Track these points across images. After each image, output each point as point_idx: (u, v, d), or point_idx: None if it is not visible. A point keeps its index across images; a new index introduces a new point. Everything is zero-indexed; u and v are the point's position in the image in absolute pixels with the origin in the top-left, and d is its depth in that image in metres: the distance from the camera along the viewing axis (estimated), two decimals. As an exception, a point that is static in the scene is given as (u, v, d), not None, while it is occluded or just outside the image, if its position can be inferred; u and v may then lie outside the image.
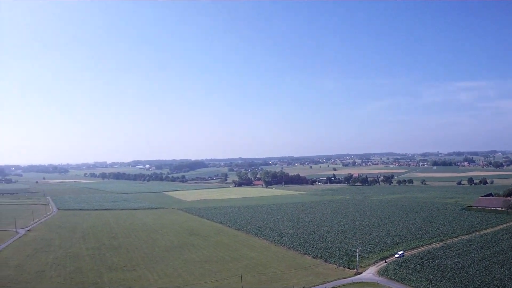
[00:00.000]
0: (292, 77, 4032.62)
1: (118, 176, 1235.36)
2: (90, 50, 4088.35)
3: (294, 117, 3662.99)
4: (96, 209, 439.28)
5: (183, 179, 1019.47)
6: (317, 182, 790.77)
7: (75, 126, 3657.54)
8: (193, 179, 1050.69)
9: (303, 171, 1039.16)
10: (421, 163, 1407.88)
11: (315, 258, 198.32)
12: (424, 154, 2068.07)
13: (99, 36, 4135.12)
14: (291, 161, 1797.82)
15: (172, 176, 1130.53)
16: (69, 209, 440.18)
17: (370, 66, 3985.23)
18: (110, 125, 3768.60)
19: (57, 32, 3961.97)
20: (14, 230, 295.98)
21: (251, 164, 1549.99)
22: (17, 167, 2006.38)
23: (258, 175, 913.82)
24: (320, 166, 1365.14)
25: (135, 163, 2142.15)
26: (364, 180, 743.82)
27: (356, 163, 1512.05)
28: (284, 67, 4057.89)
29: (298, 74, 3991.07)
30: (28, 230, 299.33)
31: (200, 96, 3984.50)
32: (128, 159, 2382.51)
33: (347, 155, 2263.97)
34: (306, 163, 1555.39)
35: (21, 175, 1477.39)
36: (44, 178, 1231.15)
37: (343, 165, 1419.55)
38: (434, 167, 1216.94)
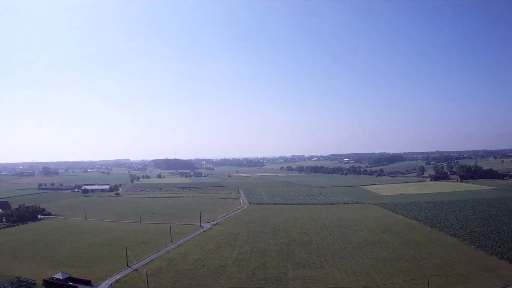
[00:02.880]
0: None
1: (315, 170, 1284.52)
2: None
3: (485, 109, 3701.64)
4: (290, 203, 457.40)
5: (381, 173, 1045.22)
6: (507, 177, 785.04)
7: (270, 122, 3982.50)
8: (390, 173, 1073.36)
9: (496, 165, 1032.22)
10: None
11: (501, 259, 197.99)
12: None
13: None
14: (484, 154, 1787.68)
15: (370, 170, 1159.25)
16: (261, 203, 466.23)
17: None
18: (307, 120, 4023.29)
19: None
20: (199, 224, 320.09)
21: (447, 157, 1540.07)
22: (208, 161, 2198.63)
23: (454, 169, 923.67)
24: (511, 160, 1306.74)
25: (334, 157, 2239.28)
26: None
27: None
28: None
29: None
30: (214, 224, 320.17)
31: (396, 91, 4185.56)
32: (326, 152, 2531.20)
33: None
34: (498, 157, 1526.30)
35: (212, 169, 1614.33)
36: (237, 172, 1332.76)
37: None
38: None
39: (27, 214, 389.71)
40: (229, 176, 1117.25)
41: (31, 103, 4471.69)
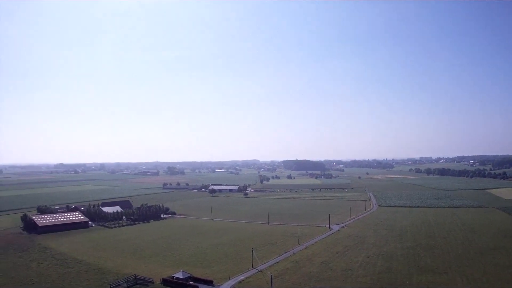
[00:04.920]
0: None
1: (442, 172, 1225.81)
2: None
3: None
4: (417, 206, 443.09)
5: (504, 176, 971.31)
6: None
7: (399, 123, 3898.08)
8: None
9: None
10: None
11: None
12: None
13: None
14: None
15: (494, 173, 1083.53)
16: (390, 206, 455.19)
17: None
18: (436, 120, 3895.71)
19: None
20: (327, 226, 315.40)
21: None
22: (339, 162, 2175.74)
23: None
24: None
25: (460, 159, 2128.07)
26: None
27: None
28: None
29: None
30: (343, 227, 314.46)
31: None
32: (453, 154, 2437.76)
33: None
34: None
35: (343, 170, 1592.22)
36: (367, 174, 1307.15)
37: None
38: None
39: (150, 213, 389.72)
40: (359, 177, 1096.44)
41: (157, 104, 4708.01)
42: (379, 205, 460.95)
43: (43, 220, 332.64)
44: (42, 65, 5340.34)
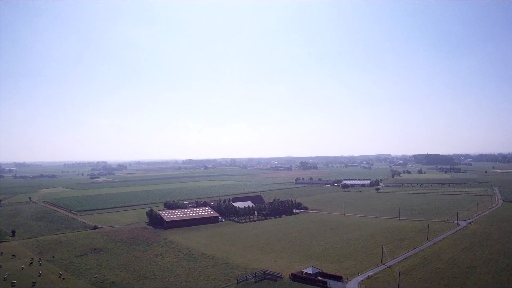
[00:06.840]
0: None
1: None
2: None
3: None
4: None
5: None
6: None
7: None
8: None
9: None
10: None
11: None
12: None
13: None
14: None
15: None
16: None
17: None
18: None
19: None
20: (455, 222, 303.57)
21: None
22: (467, 156, 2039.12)
23: None
24: None
25: None
26: None
27: None
28: None
29: None
30: (470, 223, 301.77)
31: None
32: None
33: None
34: None
35: (470, 165, 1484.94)
36: (493, 168, 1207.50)
37: None
38: None
39: (282, 208, 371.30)
40: (486, 172, 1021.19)
41: (289, 100, 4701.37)
42: (503, 201, 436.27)
43: (170, 215, 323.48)
44: (180, 67, 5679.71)
